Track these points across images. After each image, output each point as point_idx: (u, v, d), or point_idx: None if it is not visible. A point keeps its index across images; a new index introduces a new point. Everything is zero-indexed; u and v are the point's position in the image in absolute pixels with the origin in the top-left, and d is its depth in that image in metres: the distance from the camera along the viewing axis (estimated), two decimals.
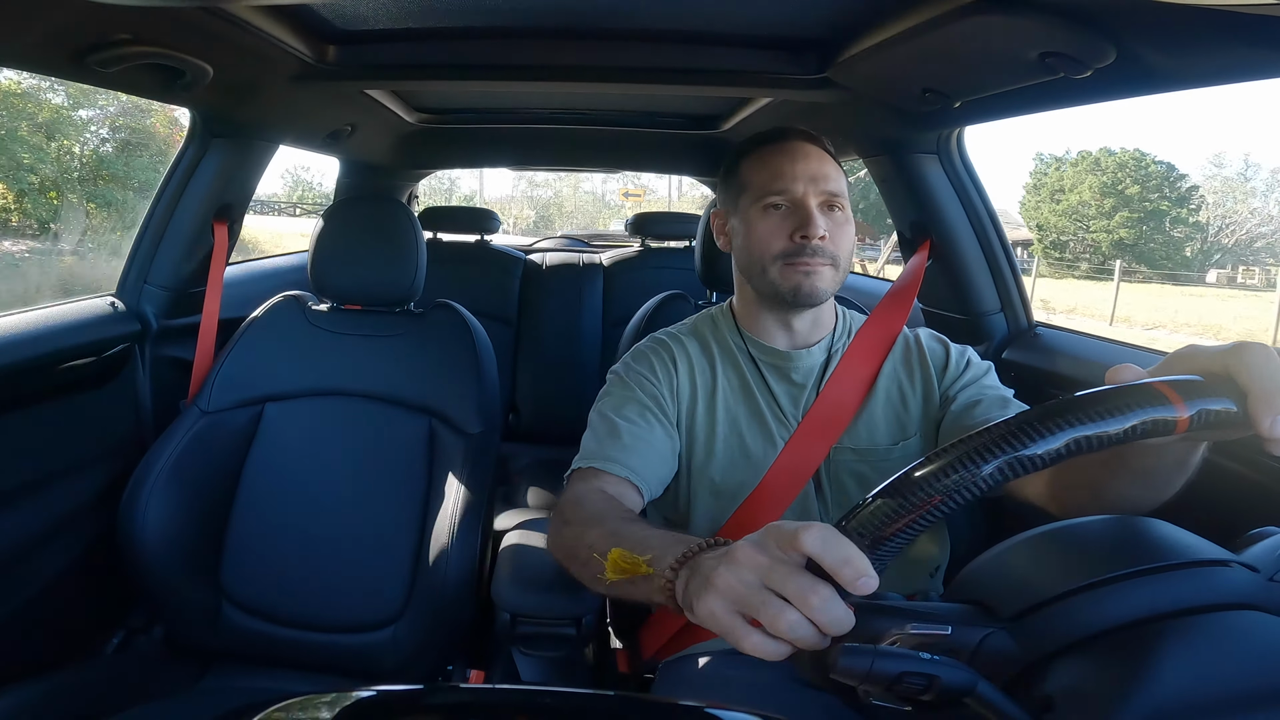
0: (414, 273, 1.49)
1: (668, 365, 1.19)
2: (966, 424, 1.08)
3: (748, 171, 1.17)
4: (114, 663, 1.43)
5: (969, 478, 0.52)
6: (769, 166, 1.14)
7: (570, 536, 0.95)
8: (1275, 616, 0.53)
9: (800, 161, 1.12)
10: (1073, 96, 1.21)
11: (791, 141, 1.15)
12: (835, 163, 1.16)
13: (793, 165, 1.12)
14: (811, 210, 1.10)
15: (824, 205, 1.12)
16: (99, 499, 1.49)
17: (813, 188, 1.11)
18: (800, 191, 1.11)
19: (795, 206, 1.12)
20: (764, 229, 1.13)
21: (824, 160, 1.14)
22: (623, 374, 1.20)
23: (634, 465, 1.07)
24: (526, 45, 1.47)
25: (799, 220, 1.10)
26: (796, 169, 1.12)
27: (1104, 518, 0.62)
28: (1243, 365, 0.56)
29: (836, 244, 1.12)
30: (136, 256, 1.68)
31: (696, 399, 1.18)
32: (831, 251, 1.11)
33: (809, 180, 1.11)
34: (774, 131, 1.18)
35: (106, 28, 1.05)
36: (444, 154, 2.92)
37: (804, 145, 1.15)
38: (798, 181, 1.11)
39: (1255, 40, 0.84)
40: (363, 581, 1.39)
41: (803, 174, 1.11)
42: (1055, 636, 0.53)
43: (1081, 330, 1.74)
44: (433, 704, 0.63)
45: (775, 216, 1.13)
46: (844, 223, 1.13)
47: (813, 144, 1.15)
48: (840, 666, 0.54)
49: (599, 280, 2.84)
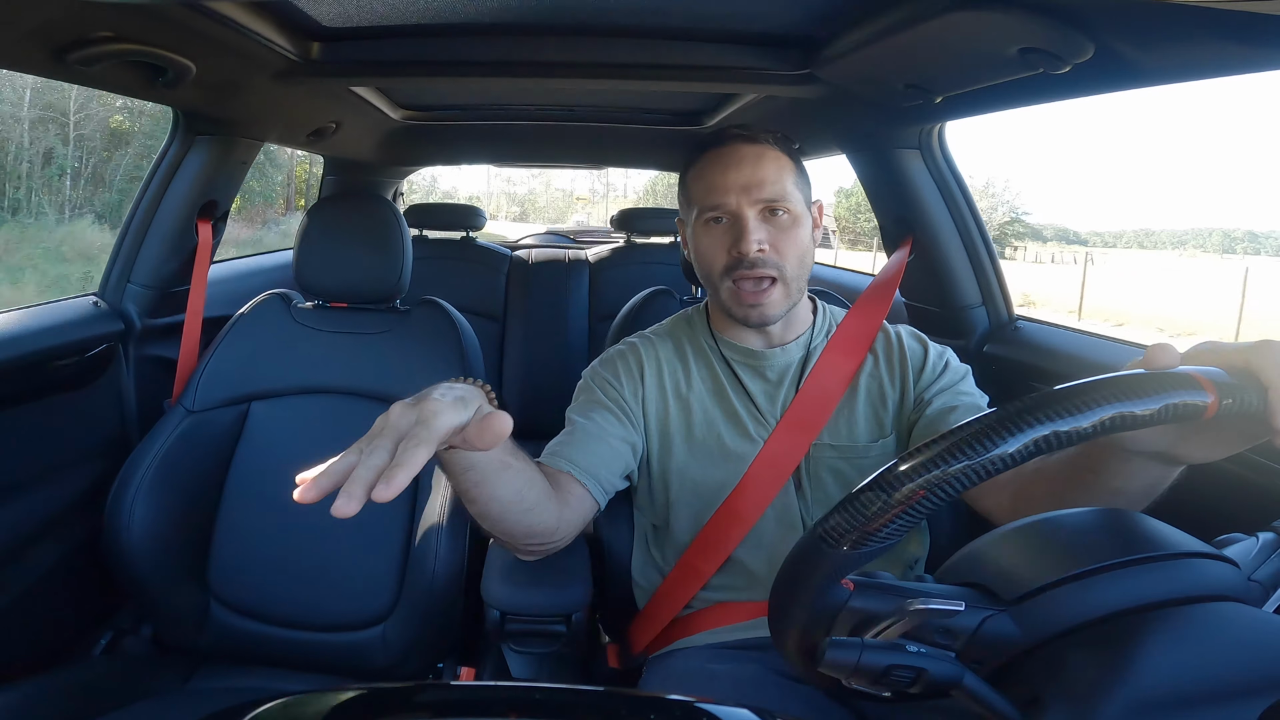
0: (400, 270, 1.49)
1: (632, 370, 1.20)
2: (939, 429, 1.09)
3: (691, 183, 1.16)
4: (102, 663, 1.42)
5: (996, 453, 0.49)
6: (705, 178, 1.12)
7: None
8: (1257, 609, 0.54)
9: (733, 170, 1.09)
10: (1051, 92, 1.22)
11: (727, 146, 1.12)
12: (784, 156, 1.13)
13: (724, 175, 1.10)
14: (747, 223, 1.08)
15: (764, 213, 1.10)
16: (84, 500, 1.49)
17: (746, 198, 1.09)
18: (734, 204, 1.09)
19: (732, 219, 1.10)
20: (706, 245, 1.13)
21: (761, 162, 1.10)
22: (589, 378, 1.22)
23: (577, 459, 1.08)
24: (511, 41, 1.46)
25: (735, 234, 1.09)
26: (729, 179, 1.09)
27: (1099, 509, 0.63)
28: (1267, 361, 0.56)
29: (781, 252, 1.09)
30: (119, 255, 1.67)
31: (667, 401, 1.19)
32: (775, 261, 1.09)
33: (742, 190, 1.09)
34: (712, 137, 1.16)
35: (87, 25, 1.04)
36: (429, 151, 2.91)
37: (739, 149, 1.11)
38: (729, 194, 1.09)
39: (1231, 36, 0.85)
40: (352, 580, 1.39)
41: (735, 184, 1.09)
42: (1058, 620, 0.53)
43: (1061, 324, 1.76)
44: (423, 702, 0.63)
45: (716, 231, 1.12)
46: (789, 226, 1.11)
47: (750, 144, 1.12)
48: (828, 659, 0.54)
49: (585, 276, 2.84)
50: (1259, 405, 0.55)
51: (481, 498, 0.90)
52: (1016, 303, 1.82)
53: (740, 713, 0.60)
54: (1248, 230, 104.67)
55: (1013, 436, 0.49)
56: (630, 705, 0.63)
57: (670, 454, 1.18)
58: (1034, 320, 1.75)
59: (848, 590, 0.57)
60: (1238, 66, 0.94)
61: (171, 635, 1.42)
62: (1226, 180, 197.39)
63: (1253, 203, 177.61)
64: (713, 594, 1.16)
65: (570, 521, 1.07)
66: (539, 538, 1.03)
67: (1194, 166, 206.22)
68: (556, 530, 1.04)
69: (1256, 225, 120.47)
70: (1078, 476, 0.81)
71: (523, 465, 0.93)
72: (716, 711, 0.58)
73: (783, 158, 1.13)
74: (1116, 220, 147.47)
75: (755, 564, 1.14)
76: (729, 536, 1.13)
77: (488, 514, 0.93)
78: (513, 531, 0.99)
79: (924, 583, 0.59)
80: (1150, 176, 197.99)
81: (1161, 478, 0.75)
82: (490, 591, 1.11)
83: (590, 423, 1.13)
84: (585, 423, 1.13)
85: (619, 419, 1.15)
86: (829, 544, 0.54)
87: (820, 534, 0.55)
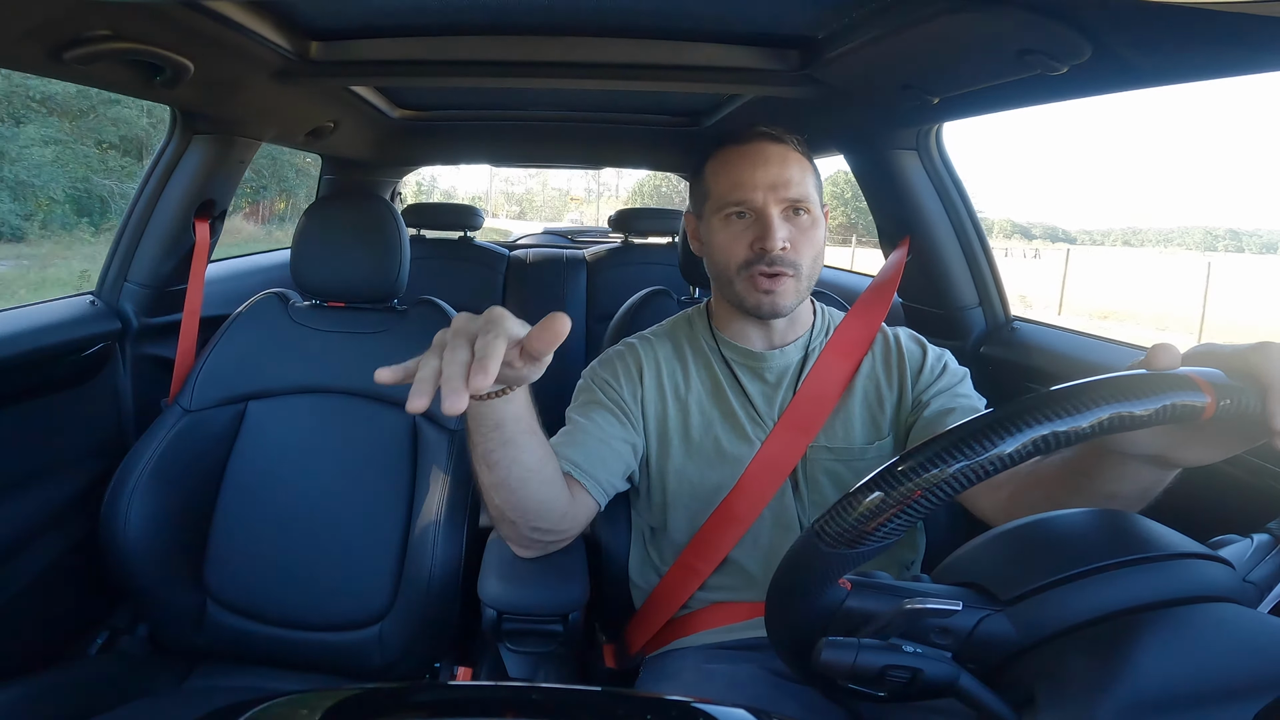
0: (397, 269, 1.49)
1: (631, 371, 1.20)
2: (936, 431, 1.09)
3: (711, 177, 1.16)
4: (98, 663, 1.42)
5: (994, 453, 0.49)
6: (730, 174, 1.12)
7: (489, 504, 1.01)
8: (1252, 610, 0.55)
9: (760, 168, 1.10)
10: (1049, 93, 1.22)
11: (753, 144, 1.13)
12: (805, 160, 1.14)
13: (753, 173, 1.10)
14: (771, 221, 1.09)
15: (787, 212, 1.10)
16: (81, 499, 1.48)
17: (773, 195, 1.09)
18: (760, 201, 1.09)
19: (756, 216, 1.10)
20: (725, 238, 1.13)
21: (786, 163, 1.11)
22: (589, 378, 1.22)
23: (578, 460, 1.08)
24: (510, 42, 1.46)
25: (760, 230, 1.09)
26: (756, 176, 1.10)
27: (1095, 510, 0.63)
28: (1267, 363, 0.56)
29: (800, 251, 1.10)
30: (116, 254, 1.66)
31: (666, 402, 1.19)
32: (793, 260, 1.10)
33: (769, 188, 1.09)
34: (736, 133, 1.16)
35: (85, 23, 1.03)
36: (427, 150, 2.91)
37: (765, 147, 1.12)
38: (757, 190, 1.09)
39: (1228, 38, 0.85)
40: (348, 580, 1.39)
41: (763, 182, 1.09)
42: (1053, 621, 0.53)
43: (1059, 325, 1.76)
44: (420, 701, 0.63)
45: (737, 226, 1.12)
46: (809, 227, 1.12)
47: (776, 144, 1.13)
48: (824, 659, 0.54)
49: (582, 276, 2.85)
50: (1257, 407, 0.55)
51: (504, 461, 0.90)
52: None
53: (737, 713, 0.60)
54: (1230, 229, 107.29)
55: (1011, 437, 0.49)
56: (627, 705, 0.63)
57: (668, 455, 1.18)
58: (1031, 321, 1.75)
59: (845, 590, 0.57)
60: (1235, 68, 0.94)
61: (168, 635, 1.41)
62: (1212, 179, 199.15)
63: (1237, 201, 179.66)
64: (710, 594, 1.16)
65: (575, 518, 1.07)
66: (548, 521, 1.03)
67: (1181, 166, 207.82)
68: (564, 518, 1.05)
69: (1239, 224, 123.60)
70: (1072, 479, 0.81)
71: (544, 437, 0.94)
72: (713, 711, 0.58)
73: (804, 160, 1.14)
74: (1105, 219, 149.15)
75: (752, 565, 1.14)
76: (726, 537, 1.13)
77: (507, 481, 0.93)
78: (526, 506, 0.99)
79: (921, 582, 0.59)
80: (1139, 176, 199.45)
81: (1157, 481, 0.75)
82: (487, 591, 1.11)
83: (590, 423, 1.13)
84: (585, 423, 1.13)
85: (619, 419, 1.15)
86: (826, 544, 0.54)
87: (817, 534, 0.55)
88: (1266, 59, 0.88)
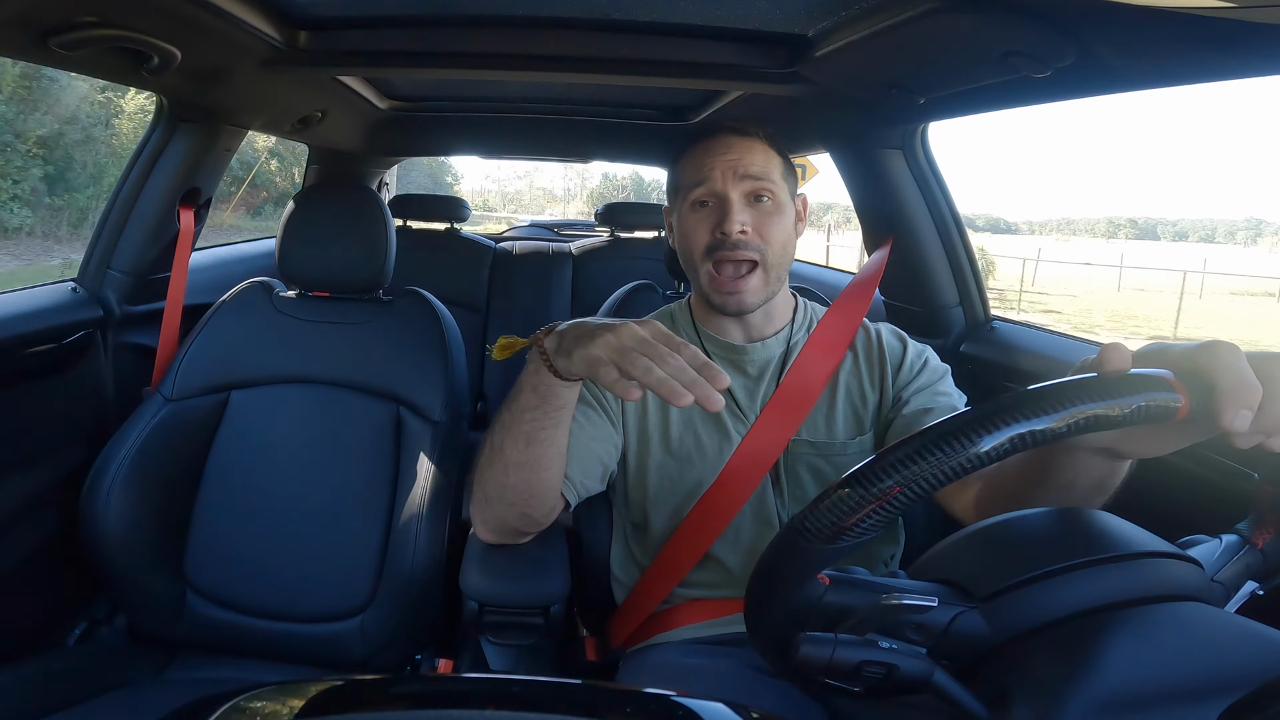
0: (383, 260, 1.48)
1: None
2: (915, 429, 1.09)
3: (681, 171, 1.17)
4: (76, 654, 1.41)
5: (971, 451, 0.50)
6: (694, 161, 1.14)
7: (479, 475, 1.06)
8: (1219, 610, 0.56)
9: (720, 154, 1.12)
10: (1033, 95, 1.23)
11: (719, 136, 1.14)
12: (770, 149, 1.15)
13: (712, 157, 1.12)
14: (731, 202, 1.10)
15: (749, 196, 1.11)
16: (60, 488, 1.47)
17: (732, 175, 1.11)
18: (720, 183, 1.11)
19: (718, 201, 1.12)
20: (690, 226, 1.14)
21: (750, 149, 1.12)
22: None
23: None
24: (499, 34, 1.46)
25: (719, 215, 1.11)
26: (715, 160, 1.11)
27: (1068, 509, 0.64)
28: (1215, 362, 0.56)
29: (763, 236, 1.11)
30: (99, 241, 1.65)
31: (646, 397, 1.19)
32: (756, 245, 1.11)
33: (728, 170, 1.11)
34: (704, 128, 1.18)
35: (71, 9, 1.02)
36: (414, 141, 2.90)
37: (729, 139, 1.14)
38: (715, 171, 1.11)
39: (1211, 42, 0.86)
40: (330, 571, 1.38)
41: (721, 164, 1.11)
42: (1026, 618, 0.54)
43: (1037, 325, 1.78)
44: (401, 693, 0.63)
45: (702, 213, 1.13)
46: (773, 212, 1.12)
47: (742, 137, 1.14)
48: (802, 654, 0.55)
49: (568, 269, 2.84)
50: (1206, 405, 0.55)
51: (547, 440, 0.98)
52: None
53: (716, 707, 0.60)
54: (1129, 218, 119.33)
55: (989, 435, 0.50)
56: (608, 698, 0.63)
57: (648, 451, 1.18)
58: (1010, 321, 1.77)
59: (823, 585, 0.58)
60: (1216, 73, 0.95)
61: (147, 625, 1.40)
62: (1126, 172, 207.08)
63: (1144, 193, 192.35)
64: (690, 590, 1.17)
65: (554, 512, 1.10)
66: (541, 509, 1.07)
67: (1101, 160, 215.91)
68: (552, 511, 1.09)
69: (1138, 213, 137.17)
70: (1032, 474, 0.83)
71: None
72: (693, 705, 0.59)
73: (770, 151, 1.15)
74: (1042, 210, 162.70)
75: (732, 561, 1.15)
76: (707, 532, 1.13)
77: (539, 460, 0.99)
78: (534, 489, 1.03)
79: (898, 578, 0.60)
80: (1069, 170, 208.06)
81: (1110, 473, 0.77)
82: (468, 582, 1.11)
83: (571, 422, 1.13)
84: None
85: (600, 415, 1.15)
86: (805, 539, 0.55)
87: (796, 529, 0.55)
88: (1249, 64, 0.89)
